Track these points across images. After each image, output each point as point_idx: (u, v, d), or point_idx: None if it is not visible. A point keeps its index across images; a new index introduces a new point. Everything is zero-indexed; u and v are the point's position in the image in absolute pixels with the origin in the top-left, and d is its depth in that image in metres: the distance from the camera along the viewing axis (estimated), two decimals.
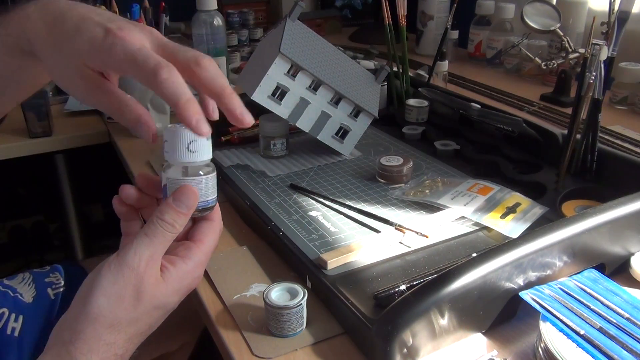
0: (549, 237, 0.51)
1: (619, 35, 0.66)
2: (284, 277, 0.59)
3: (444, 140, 0.87)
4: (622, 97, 1.11)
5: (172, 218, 0.43)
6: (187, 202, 0.43)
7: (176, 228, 0.44)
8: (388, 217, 0.66)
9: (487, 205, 0.66)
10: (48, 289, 0.77)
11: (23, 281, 0.78)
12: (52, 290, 0.77)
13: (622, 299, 0.50)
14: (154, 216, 0.43)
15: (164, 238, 0.43)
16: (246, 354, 0.49)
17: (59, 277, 0.79)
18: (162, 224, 0.43)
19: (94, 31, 0.41)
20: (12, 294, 0.75)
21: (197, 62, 0.42)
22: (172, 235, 0.44)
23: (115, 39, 0.40)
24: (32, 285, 0.77)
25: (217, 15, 0.98)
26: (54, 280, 0.79)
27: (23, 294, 0.76)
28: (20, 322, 0.72)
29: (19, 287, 0.77)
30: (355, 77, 0.85)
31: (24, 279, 0.79)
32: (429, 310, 0.46)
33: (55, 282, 0.79)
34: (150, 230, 0.43)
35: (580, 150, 0.73)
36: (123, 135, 1.00)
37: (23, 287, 0.77)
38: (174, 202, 0.43)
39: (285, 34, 0.77)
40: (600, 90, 0.70)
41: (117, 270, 0.41)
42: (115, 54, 0.40)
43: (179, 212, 0.43)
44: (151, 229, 0.43)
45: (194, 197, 0.44)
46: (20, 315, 0.73)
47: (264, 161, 0.83)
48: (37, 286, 0.77)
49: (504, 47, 1.35)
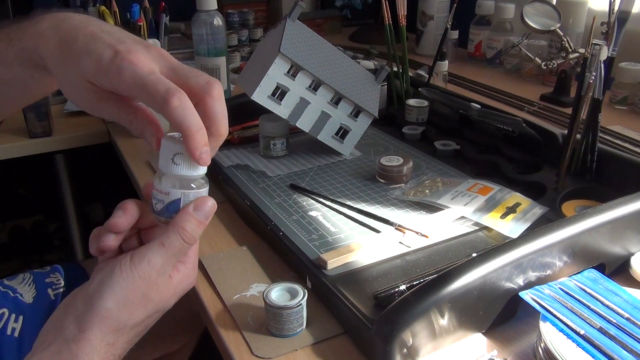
0: (549, 237, 0.51)
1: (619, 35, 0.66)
2: (284, 277, 0.59)
3: (444, 140, 0.87)
4: (622, 97, 1.11)
5: (193, 228, 0.43)
6: (206, 212, 0.44)
7: (195, 239, 0.44)
8: (388, 217, 0.66)
9: (487, 205, 0.66)
10: (48, 289, 0.77)
11: (23, 281, 0.78)
12: (53, 291, 0.77)
13: (622, 299, 0.50)
14: (173, 227, 0.43)
15: (181, 249, 0.44)
16: (246, 354, 0.49)
17: (59, 278, 0.79)
18: (184, 233, 0.43)
19: (102, 52, 0.41)
20: (12, 294, 0.75)
21: (208, 90, 0.42)
22: (189, 247, 0.44)
23: (123, 62, 0.40)
24: (32, 285, 0.77)
25: (217, 15, 0.98)
26: (54, 281, 0.79)
27: (23, 294, 0.76)
28: (20, 322, 0.72)
29: (19, 287, 0.77)
30: (355, 77, 0.85)
31: (24, 279, 0.79)
32: (429, 310, 0.46)
33: (56, 282, 0.79)
34: (168, 241, 0.43)
35: (580, 150, 0.73)
36: (123, 135, 1.00)
37: (23, 287, 0.77)
38: (195, 212, 0.43)
39: (285, 34, 0.77)
40: (600, 90, 0.70)
41: (129, 277, 0.42)
42: (124, 78, 0.40)
43: (200, 221, 0.44)
44: (170, 239, 0.43)
45: (213, 207, 0.44)
46: (21, 316, 0.73)
47: (264, 161, 0.83)
48: (38, 286, 0.77)
49: (504, 47, 1.35)
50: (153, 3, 0.92)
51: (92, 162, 1.46)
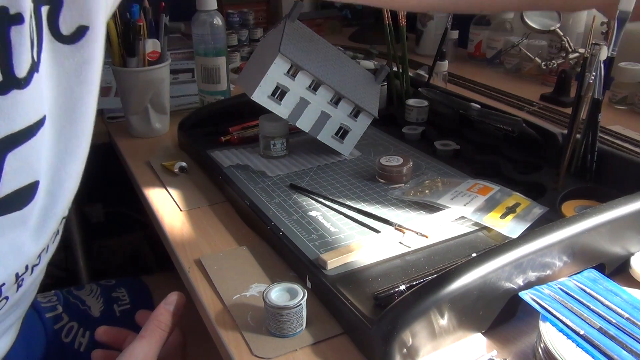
0: (549, 237, 0.51)
1: (619, 35, 0.66)
2: (284, 277, 0.59)
3: (444, 140, 0.87)
4: (621, 97, 1.11)
5: (166, 318, 0.53)
6: (176, 303, 0.54)
7: (170, 327, 0.53)
8: (388, 217, 0.66)
9: (487, 205, 0.66)
10: (114, 304, 0.77)
11: (91, 293, 0.77)
12: (118, 307, 0.76)
13: (622, 299, 0.50)
14: (150, 321, 0.52)
15: (160, 337, 0.52)
16: (246, 354, 0.49)
17: (124, 294, 0.79)
18: (159, 324, 0.52)
19: None
20: (82, 306, 0.74)
21: None
22: (166, 334, 0.53)
23: None
24: (100, 298, 0.77)
25: (217, 15, 0.98)
26: (120, 296, 0.78)
27: (91, 307, 0.74)
28: (87, 337, 0.72)
29: (87, 299, 0.75)
30: (355, 77, 0.85)
31: (92, 290, 0.78)
32: (428, 310, 0.46)
33: (122, 298, 0.78)
34: (147, 333, 0.51)
35: (580, 150, 0.73)
36: (123, 135, 1.00)
37: (91, 299, 0.76)
38: (165, 305, 0.53)
39: (285, 34, 0.77)
40: (600, 90, 0.70)
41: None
42: None
43: (171, 312, 0.53)
44: (148, 331, 0.52)
45: (180, 300, 0.54)
46: (87, 331, 0.72)
47: (264, 161, 0.83)
48: (104, 300, 0.76)
49: (504, 47, 1.35)
50: (153, 3, 0.92)
51: (92, 162, 1.46)
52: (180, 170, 0.84)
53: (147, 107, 0.96)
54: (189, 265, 0.62)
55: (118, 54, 0.91)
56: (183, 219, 0.72)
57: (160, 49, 0.93)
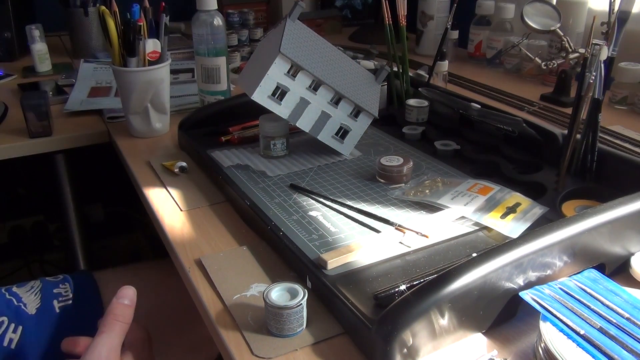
0: (549, 237, 0.51)
1: (619, 35, 0.66)
2: (284, 277, 0.59)
3: (444, 140, 0.87)
4: (622, 97, 1.11)
5: (121, 311, 0.54)
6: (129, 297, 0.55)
7: (127, 319, 0.54)
8: (388, 217, 0.66)
9: (487, 205, 0.67)
10: (54, 300, 0.76)
11: (31, 290, 0.76)
12: (59, 303, 0.75)
13: (622, 299, 0.50)
14: (106, 315, 0.53)
15: (120, 329, 0.53)
16: (246, 354, 0.49)
17: (67, 289, 0.78)
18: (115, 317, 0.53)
19: None
20: (16, 302, 0.73)
21: None
22: (125, 326, 0.54)
23: None
24: (38, 295, 0.76)
25: (217, 15, 0.98)
26: (62, 292, 0.77)
27: (27, 304, 0.74)
28: (18, 333, 0.71)
29: (24, 296, 0.75)
30: (355, 77, 0.85)
31: (32, 287, 0.77)
32: (429, 310, 0.46)
33: (64, 294, 0.77)
34: (106, 327, 0.53)
35: (580, 150, 0.73)
36: (123, 135, 1.00)
37: (29, 296, 0.75)
38: (119, 300, 0.55)
39: (285, 34, 0.77)
40: (600, 90, 0.70)
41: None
42: None
43: (126, 305, 0.54)
44: (106, 325, 0.53)
45: (133, 293, 0.55)
46: (20, 326, 0.71)
47: (264, 161, 0.83)
48: (43, 297, 0.75)
49: (504, 47, 1.35)
50: (153, 3, 0.92)
51: (92, 162, 1.46)
52: (180, 170, 0.84)
53: (147, 107, 0.96)
54: (189, 265, 0.62)
55: (118, 54, 0.91)
56: (183, 219, 0.72)
57: (160, 49, 0.93)
